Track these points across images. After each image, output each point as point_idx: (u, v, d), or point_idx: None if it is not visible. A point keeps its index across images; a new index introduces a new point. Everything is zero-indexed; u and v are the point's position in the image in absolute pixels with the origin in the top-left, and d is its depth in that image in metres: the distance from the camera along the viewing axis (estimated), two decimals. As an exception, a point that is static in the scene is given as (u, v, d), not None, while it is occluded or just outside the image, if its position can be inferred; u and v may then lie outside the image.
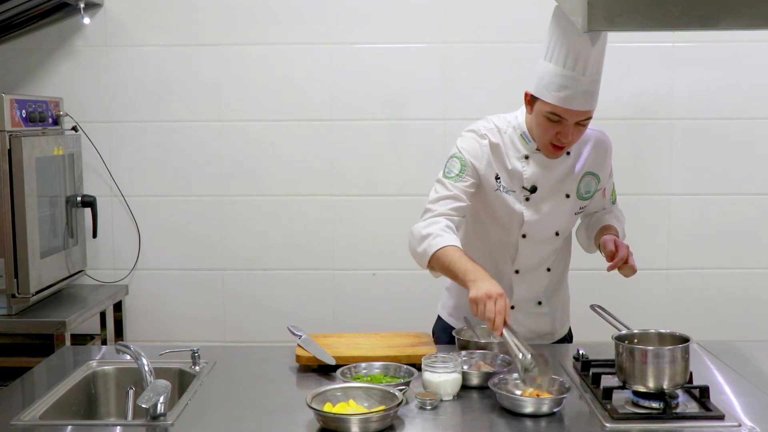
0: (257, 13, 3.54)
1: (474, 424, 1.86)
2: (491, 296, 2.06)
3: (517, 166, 2.36)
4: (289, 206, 3.62)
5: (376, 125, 3.58)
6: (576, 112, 2.20)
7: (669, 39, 3.50)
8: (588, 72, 2.18)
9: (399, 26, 3.53)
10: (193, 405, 1.97)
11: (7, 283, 3.02)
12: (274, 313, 3.61)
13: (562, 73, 2.18)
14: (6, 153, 2.99)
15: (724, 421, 1.83)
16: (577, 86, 2.17)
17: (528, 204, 2.37)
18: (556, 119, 2.23)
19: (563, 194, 2.40)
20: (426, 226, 2.29)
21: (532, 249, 2.42)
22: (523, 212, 2.36)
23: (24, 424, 1.87)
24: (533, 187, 2.35)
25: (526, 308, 2.49)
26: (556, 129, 2.25)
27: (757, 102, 3.54)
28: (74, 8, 3.42)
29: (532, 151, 2.36)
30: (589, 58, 2.17)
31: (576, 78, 2.17)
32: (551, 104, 2.20)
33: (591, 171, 2.43)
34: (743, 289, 3.61)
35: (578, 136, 2.29)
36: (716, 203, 3.59)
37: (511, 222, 2.38)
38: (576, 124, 2.24)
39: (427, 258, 2.25)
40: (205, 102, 3.58)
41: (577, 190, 2.41)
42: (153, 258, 3.65)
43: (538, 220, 2.38)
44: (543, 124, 2.26)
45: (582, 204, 2.45)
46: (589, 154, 2.42)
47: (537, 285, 2.49)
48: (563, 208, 2.41)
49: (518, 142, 2.37)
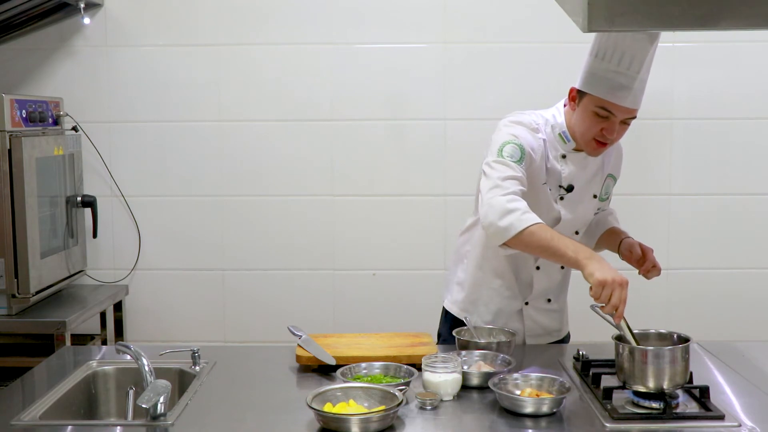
0: (257, 13, 3.54)
1: (474, 424, 1.86)
2: (620, 283, 2.02)
3: (555, 164, 2.37)
4: (289, 206, 3.62)
5: (376, 125, 3.58)
6: (625, 109, 2.24)
7: (669, 39, 3.50)
8: (642, 71, 2.22)
9: (399, 26, 3.53)
10: (193, 405, 1.97)
11: (7, 283, 3.02)
12: (274, 313, 3.61)
13: (616, 70, 2.20)
14: (6, 153, 2.99)
15: (724, 421, 1.83)
16: (630, 84, 2.21)
17: (562, 203, 2.39)
18: (605, 114, 2.24)
19: (591, 194, 2.44)
20: (510, 200, 2.18)
21: None
22: (560, 210, 2.39)
23: (24, 424, 1.87)
24: (570, 186, 2.38)
25: (539, 305, 2.50)
26: (602, 125, 2.26)
27: (757, 102, 3.54)
28: (74, 8, 3.42)
29: (568, 151, 2.37)
30: (645, 59, 2.20)
31: (630, 76, 2.20)
32: (603, 99, 2.22)
33: (611, 173, 2.49)
34: (743, 289, 3.61)
35: (621, 134, 2.33)
36: (716, 203, 3.59)
37: (548, 218, 2.35)
38: (622, 123, 2.28)
39: (513, 232, 2.14)
40: (205, 102, 3.58)
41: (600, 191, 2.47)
42: (153, 258, 3.65)
43: (571, 220, 2.41)
44: (590, 119, 2.27)
45: (600, 205, 2.51)
46: (611, 157, 2.47)
47: (552, 282, 2.51)
48: (590, 209, 2.47)
49: (555, 141, 2.38)
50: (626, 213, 3.56)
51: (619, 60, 2.20)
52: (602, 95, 2.23)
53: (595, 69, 2.24)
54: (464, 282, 2.54)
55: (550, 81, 3.52)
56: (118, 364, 2.29)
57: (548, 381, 1.99)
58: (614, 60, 2.21)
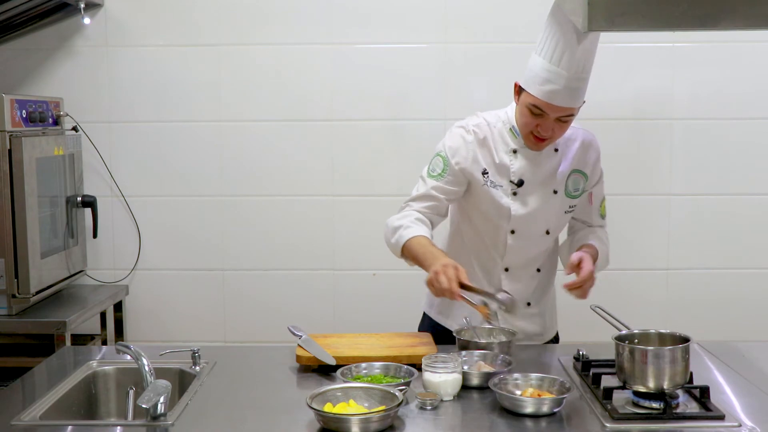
0: (257, 13, 3.54)
1: (474, 424, 1.86)
2: (439, 271, 2.16)
3: (504, 159, 2.39)
4: (289, 206, 3.62)
5: (376, 125, 3.58)
6: (557, 107, 2.24)
7: (669, 39, 3.50)
8: (573, 69, 2.20)
9: (399, 26, 3.53)
10: (193, 405, 1.97)
11: (7, 283, 3.02)
12: (274, 313, 3.61)
13: (547, 68, 2.21)
14: (6, 153, 2.99)
15: (725, 421, 1.83)
16: (560, 82, 2.20)
17: (515, 198, 2.39)
18: (538, 112, 2.26)
19: (551, 190, 2.41)
20: (398, 218, 2.42)
21: (521, 246, 2.44)
22: (510, 206, 2.38)
23: (24, 424, 1.87)
24: (520, 181, 2.38)
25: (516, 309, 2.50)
26: (537, 122, 2.29)
27: (757, 102, 3.54)
28: (74, 8, 3.42)
29: (520, 146, 2.39)
30: (575, 56, 2.18)
31: (559, 74, 2.20)
32: (534, 97, 2.25)
33: (578, 169, 2.45)
34: (743, 289, 3.61)
35: (560, 132, 2.32)
36: (716, 203, 3.59)
37: (500, 217, 2.40)
38: (557, 120, 2.27)
39: (399, 248, 2.38)
40: (205, 102, 3.58)
41: (565, 187, 2.43)
42: (153, 258, 3.65)
43: (525, 215, 2.40)
44: (526, 115, 2.31)
45: (572, 202, 2.46)
46: (576, 152, 2.44)
47: (527, 285, 2.49)
48: (552, 205, 2.42)
49: (507, 136, 2.40)
50: (626, 213, 3.59)
51: (551, 56, 2.21)
52: (534, 93, 2.25)
53: (532, 65, 2.26)
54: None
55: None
56: (118, 364, 2.29)
57: (548, 381, 1.99)
58: (547, 55, 2.22)
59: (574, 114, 2.29)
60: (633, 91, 3.54)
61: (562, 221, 2.49)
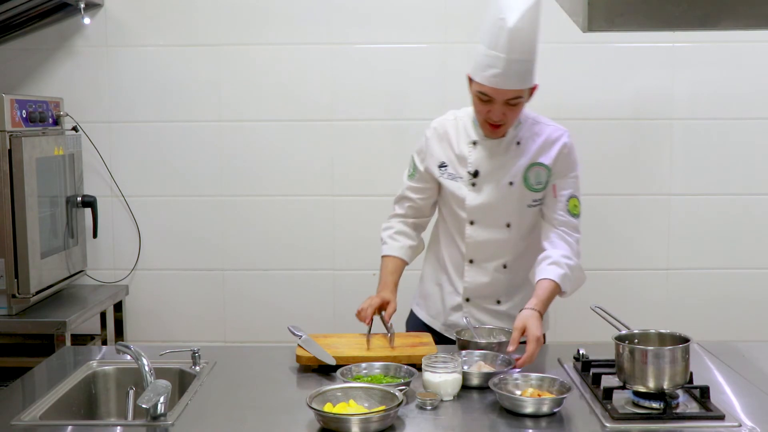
0: (257, 13, 3.54)
1: (474, 424, 1.86)
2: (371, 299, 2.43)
3: (464, 151, 2.46)
4: (289, 206, 3.62)
5: (376, 125, 3.58)
6: (502, 91, 2.28)
7: (669, 39, 3.50)
8: (511, 51, 2.23)
9: (399, 26, 3.53)
10: (193, 405, 1.97)
11: (7, 283, 3.02)
12: (274, 313, 3.61)
13: (486, 53, 2.27)
14: (6, 153, 2.99)
15: (725, 421, 1.83)
16: (500, 65, 2.25)
17: (472, 189, 2.45)
18: (486, 98, 2.32)
19: (507, 182, 2.44)
20: (383, 230, 2.64)
21: (481, 237, 2.48)
22: (466, 197, 2.45)
23: (24, 424, 1.87)
24: (476, 171, 2.44)
25: (483, 304, 2.53)
26: (488, 108, 2.34)
27: (757, 102, 3.54)
28: (74, 8, 3.42)
29: (481, 137, 2.46)
30: (511, 37, 2.22)
31: (498, 57, 2.24)
32: (479, 84, 2.31)
33: (540, 162, 2.44)
34: (743, 289, 3.61)
35: (513, 116, 2.36)
36: (716, 203, 3.59)
37: (459, 208, 2.48)
38: (506, 104, 2.31)
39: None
40: (205, 102, 3.58)
41: (524, 179, 2.44)
42: (153, 258, 3.65)
43: (480, 206, 2.45)
44: (476, 103, 2.38)
45: (535, 196, 2.46)
46: (538, 146, 2.45)
47: (493, 280, 2.51)
48: (509, 197, 2.44)
49: (470, 128, 2.48)
50: (626, 213, 3.59)
51: (488, 42, 2.26)
52: (478, 80, 2.31)
53: (475, 53, 2.32)
54: (420, 277, 2.69)
55: (549, 81, 3.52)
56: (118, 364, 2.29)
57: (548, 381, 1.99)
58: (485, 42, 2.27)
59: (523, 96, 2.32)
60: (633, 91, 3.54)
61: (525, 215, 2.48)
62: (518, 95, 2.30)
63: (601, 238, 3.56)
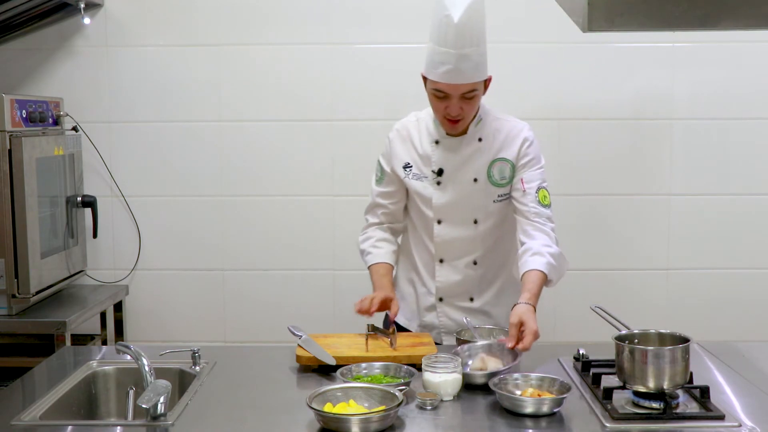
0: (257, 13, 3.54)
1: (474, 424, 1.86)
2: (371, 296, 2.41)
3: (428, 150, 2.49)
4: (289, 206, 3.62)
5: (376, 125, 3.57)
6: (455, 86, 2.31)
7: (669, 39, 3.50)
8: (459, 44, 2.26)
9: (399, 26, 3.53)
10: (193, 405, 1.97)
11: (7, 283, 3.02)
12: (274, 313, 3.61)
13: (436, 50, 2.31)
14: (6, 153, 2.99)
15: (725, 421, 1.83)
16: (450, 60, 2.28)
17: (438, 187, 2.47)
18: (442, 95, 2.36)
19: (471, 178, 2.46)
20: (363, 241, 2.62)
21: (449, 236, 2.49)
22: (432, 196, 2.47)
23: (24, 424, 1.87)
24: (440, 170, 2.46)
25: (455, 302, 2.54)
26: (445, 104, 2.37)
27: (757, 102, 3.54)
28: (74, 8, 3.42)
29: (442, 136, 2.48)
30: (457, 32, 2.26)
31: (448, 52, 2.28)
32: (433, 81, 2.34)
33: (502, 157, 2.46)
34: (743, 289, 3.61)
35: (470, 109, 2.38)
36: (716, 203, 3.59)
37: (426, 207, 2.49)
38: (462, 98, 2.34)
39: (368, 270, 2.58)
40: (205, 102, 3.58)
41: (488, 175, 2.46)
42: (153, 258, 3.65)
43: (447, 204, 2.46)
44: (433, 101, 2.41)
45: (500, 191, 2.47)
46: (500, 141, 2.47)
47: (464, 278, 2.52)
48: (475, 194, 2.46)
49: (432, 128, 2.50)
50: (626, 213, 3.59)
51: (437, 39, 2.30)
52: (432, 77, 2.35)
53: (428, 52, 2.36)
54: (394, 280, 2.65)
55: (548, 81, 3.53)
56: (118, 364, 2.29)
57: (548, 381, 1.99)
58: (434, 39, 2.31)
59: (478, 89, 2.35)
60: (633, 91, 3.54)
61: (491, 211, 2.49)
62: (473, 88, 2.34)
63: (601, 238, 3.56)
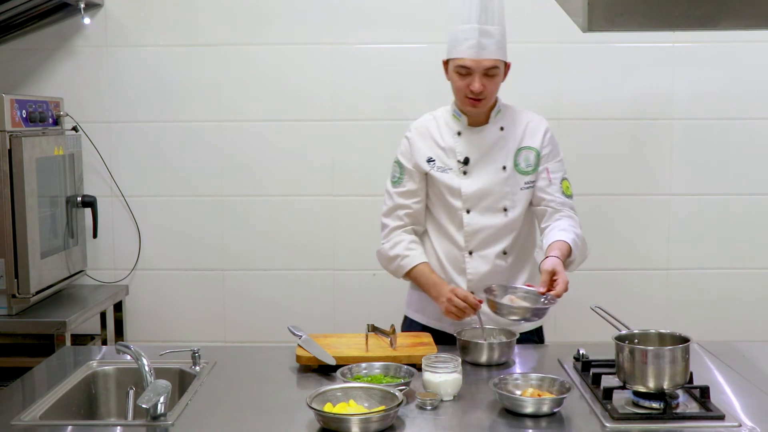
0: (257, 13, 3.54)
1: (474, 424, 1.87)
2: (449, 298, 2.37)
3: (450, 143, 2.53)
4: (289, 206, 3.62)
5: (376, 125, 3.58)
6: (479, 60, 2.39)
7: (669, 39, 3.50)
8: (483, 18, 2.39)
9: (399, 26, 3.53)
10: (193, 405, 1.97)
11: (7, 283, 3.02)
12: (274, 313, 3.61)
13: (461, 28, 2.41)
14: (6, 153, 2.99)
15: (725, 421, 1.83)
16: (474, 35, 2.39)
17: (465, 177, 2.50)
18: (465, 72, 2.42)
19: (499, 166, 2.51)
20: (391, 247, 2.58)
21: (479, 224, 2.50)
22: (460, 185, 2.49)
23: (24, 424, 1.87)
24: (466, 159, 2.50)
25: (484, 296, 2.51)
26: (467, 82, 2.43)
27: (757, 102, 3.54)
28: (74, 8, 3.42)
29: (463, 127, 2.53)
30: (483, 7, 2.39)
31: (472, 27, 2.40)
32: (457, 58, 2.41)
33: (527, 146, 2.53)
34: (743, 289, 3.61)
35: (492, 88, 2.45)
36: (716, 203, 3.59)
37: (454, 198, 2.51)
38: (485, 75, 2.41)
39: (400, 276, 2.59)
40: (205, 102, 3.58)
41: (515, 163, 2.51)
42: (153, 258, 3.65)
43: (476, 192, 2.49)
44: (456, 80, 2.47)
45: (526, 179, 2.52)
46: (522, 130, 2.54)
47: (494, 269, 2.52)
48: (503, 181, 2.50)
49: (451, 121, 2.55)
50: (626, 213, 3.59)
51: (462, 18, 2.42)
52: (454, 54, 2.43)
53: (450, 36, 2.46)
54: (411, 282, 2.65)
55: (548, 81, 3.53)
56: (118, 364, 2.29)
57: (548, 381, 1.99)
58: (460, 19, 2.42)
59: (498, 67, 2.43)
60: (633, 91, 3.54)
61: (519, 199, 2.52)
62: (495, 65, 2.42)
63: (601, 238, 3.56)
